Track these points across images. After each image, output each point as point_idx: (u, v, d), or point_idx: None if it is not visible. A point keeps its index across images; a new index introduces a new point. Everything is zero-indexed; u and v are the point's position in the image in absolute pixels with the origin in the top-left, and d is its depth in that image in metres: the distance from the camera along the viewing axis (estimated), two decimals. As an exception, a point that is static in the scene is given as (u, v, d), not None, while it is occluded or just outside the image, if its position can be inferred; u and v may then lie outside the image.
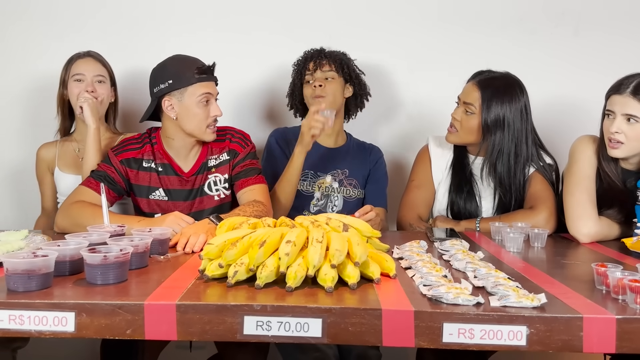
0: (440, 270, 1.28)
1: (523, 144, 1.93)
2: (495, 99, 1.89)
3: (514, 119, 1.90)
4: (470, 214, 2.00)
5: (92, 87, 2.04)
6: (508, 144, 1.91)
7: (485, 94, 1.89)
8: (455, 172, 2.04)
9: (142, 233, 1.45)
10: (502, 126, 1.89)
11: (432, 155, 2.09)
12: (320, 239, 1.23)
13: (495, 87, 1.90)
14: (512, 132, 1.90)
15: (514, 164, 1.94)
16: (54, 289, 1.15)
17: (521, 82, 1.95)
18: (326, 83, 2.10)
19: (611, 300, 1.13)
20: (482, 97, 1.89)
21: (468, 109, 1.93)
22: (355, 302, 1.09)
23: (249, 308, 1.05)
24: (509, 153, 1.92)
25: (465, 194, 2.00)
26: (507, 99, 1.89)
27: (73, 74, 2.06)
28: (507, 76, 1.95)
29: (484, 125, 1.90)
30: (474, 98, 1.91)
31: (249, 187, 1.92)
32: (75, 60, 2.08)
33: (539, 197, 1.92)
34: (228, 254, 1.21)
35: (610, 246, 1.68)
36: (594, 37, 2.44)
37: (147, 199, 1.90)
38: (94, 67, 2.08)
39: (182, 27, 2.47)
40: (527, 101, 1.93)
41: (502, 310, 1.05)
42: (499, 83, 1.91)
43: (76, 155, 2.15)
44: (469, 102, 1.91)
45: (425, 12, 2.47)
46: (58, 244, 1.30)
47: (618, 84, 1.72)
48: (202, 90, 1.81)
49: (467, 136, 1.95)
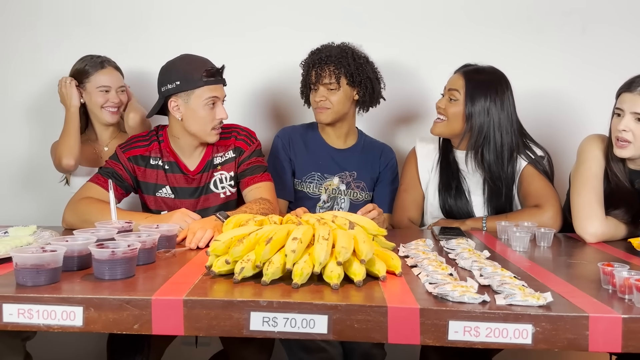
0: (446, 269, 1.29)
1: (508, 133, 1.94)
2: (479, 90, 1.92)
3: (497, 110, 1.92)
4: (462, 210, 2.00)
5: (117, 98, 2.13)
6: (492, 131, 1.93)
7: (469, 83, 1.93)
8: (442, 170, 2.05)
9: (149, 229, 1.46)
10: (486, 114, 1.92)
11: (418, 155, 2.11)
12: (326, 236, 1.23)
13: (480, 80, 1.94)
14: (496, 121, 1.92)
15: (501, 152, 1.94)
16: (62, 283, 1.16)
17: (505, 77, 1.98)
18: (329, 95, 2.06)
19: (617, 299, 1.13)
20: (466, 86, 1.93)
21: (452, 96, 1.95)
22: (361, 299, 1.09)
23: (255, 304, 1.06)
24: (495, 141, 1.93)
25: (454, 191, 2.01)
26: (490, 92, 1.92)
27: (99, 85, 2.11)
28: (492, 70, 1.99)
29: (467, 113, 1.92)
30: (459, 85, 1.94)
31: (255, 185, 1.92)
32: (98, 69, 2.12)
33: (542, 195, 1.91)
34: (235, 250, 1.21)
35: (617, 246, 1.68)
36: (602, 35, 2.43)
37: (154, 196, 1.92)
38: (117, 79, 2.16)
39: (190, 26, 2.48)
40: (510, 95, 1.96)
41: (507, 308, 1.05)
42: (483, 76, 1.96)
43: (94, 154, 2.19)
44: (454, 89, 1.95)
45: (432, 10, 2.47)
46: (66, 239, 1.32)
47: (629, 82, 1.72)
48: (209, 93, 1.82)
49: (452, 124, 1.96)
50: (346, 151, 2.19)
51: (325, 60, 2.06)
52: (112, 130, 2.21)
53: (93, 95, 2.12)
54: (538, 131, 2.40)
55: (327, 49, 2.10)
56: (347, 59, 2.07)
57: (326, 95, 2.06)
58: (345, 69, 2.05)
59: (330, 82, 2.05)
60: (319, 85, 2.07)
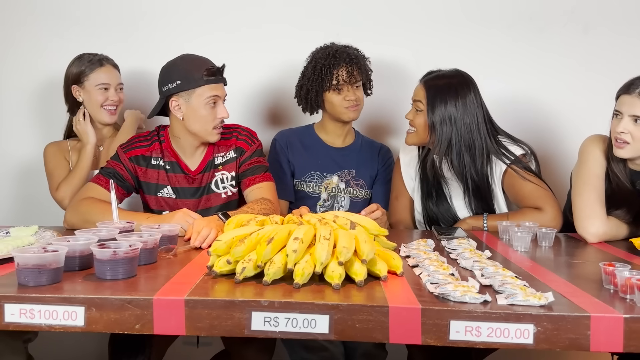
0: (447, 269, 1.29)
1: (477, 135, 1.91)
2: (439, 97, 1.90)
3: (460, 114, 1.89)
4: (446, 216, 2.01)
5: (116, 96, 2.13)
6: (457, 138, 1.90)
7: (429, 92, 1.92)
8: (423, 177, 2.06)
9: (151, 229, 1.46)
10: (448, 122, 1.89)
11: (401, 163, 2.12)
12: (327, 236, 1.23)
13: (439, 86, 1.92)
14: (460, 126, 1.90)
15: (473, 155, 1.91)
16: (64, 283, 1.16)
17: (469, 77, 1.95)
18: (357, 92, 2.10)
19: (619, 299, 1.13)
20: (427, 95, 1.92)
21: (417, 107, 1.95)
22: (362, 299, 1.10)
23: (257, 304, 1.06)
24: (462, 145, 1.90)
25: (435, 198, 2.02)
26: (451, 96, 1.90)
27: (98, 82, 2.11)
28: (453, 74, 1.95)
29: (430, 123, 1.91)
30: (421, 95, 1.94)
31: (257, 185, 1.92)
32: (96, 67, 2.12)
33: (538, 196, 1.88)
34: (236, 250, 1.21)
35: (618, 246, 1.68)
36: (603, 35, 2.42)
37: (155, 196, 1.92)
38: (116, 76, 2.15)
39: (190, 26, 2.48)
40: (474, 96, 1.92)
41: (509, 308, 1.05)
42: (442, 82, 1.93)
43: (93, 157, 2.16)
44: (417, 100, 1.95)
45: (433, 10, 2.47)
46: (68, 239, 1.32)
47: (628, 84, 1.72)
48: (210, 92, 1.82)
49: (421, 135, 1.96)
50: (344, 149, 2.20)
51: (355, 60, 2.08)
52: (107, 130, 2.20)
53: (92, 94, 2.11)
54: (539, 131, 2.41)
55: (344, 48, 2.11)
56: (363, 57, 2.14)
57: (356, 93, 2.09)
58: (366, 67, 2.13)
59: (360, 80, 2.09)
60: (351, 84, 2.07)
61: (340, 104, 2.09)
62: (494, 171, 1.95)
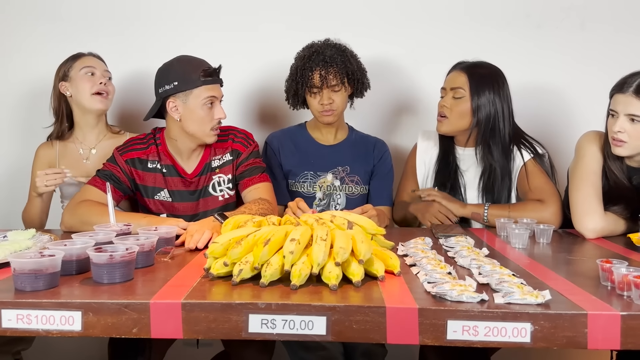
0: (444, 267, 1.29)
1: (508, 124, 1.97)
2: (484, 82, 1.95)
3: (500, 101, 1.95)
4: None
5: (104, 79, 2.07)
6: (498, 122, 1.96)
7: (472, 78, 1.95)
8: (439, 170, 2.07)
9: (148, 232, 1.46)
10: (492, 107, 1.94)
11: (418, 148, 2.14)
12: (324, 236, 1.23)
13: (482, 74, 1.97)
14: (499, 112, 1.95)
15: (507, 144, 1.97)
16: (61, 288, 1.16)
17: (501, 70, 2.01)
18: (334, 96, 2.04)
19: (616, 296, 1.13)
20: (469, 81, 1.94)
21: (456, 94, 1.96)
22: (359, 300, 1.09)
23: (254, 306, 1.06)
24: (501, 132, 1.96)
25: (449, 190, 2.03)
26: (493, 84, 1.95)
27: (83, 66, 2.06)
28: (488, 64, 2.01)
29: (475, 107, 1.94)
30: (462, 82, 1.95)
31: (254, 186, 1.92)
32: (80, 57, 2.09)
33: (545, 190, 1.92)
34: (233, 252, 1.21)
35: (616, 242, 1.68)
36: (601, 31, 2.42)
37: (153, 199, 1.92)
38: (100, 64, 2.11)
39: (186, 27, 2.47)
40: (508, 87, 1.99)
41: (506, 307, 1.05)
42: (483, 69, 1.98)
43: (79, 156, 2.13)
44: (457, 87, 1.96)
45: (431, 6, 2.46)
46: (65, 243, 1.31)
47: (621, 83, 1.72)
48: (207, 93, 1.82)
49: (458, 122, 1.97)
50: (337, 146, 2.17)
51: (329, 62, 2.01)
52: (99, 131, 2.13)
53: (79, 82, 2.04)
54: (536, 127, 2.40)
55: (322, 49, 2.04)
56: (346, 57, 2.06)
57: (332, 97, 2.04)
58: (347, 69, 2.04)
59: (336, 84, 2.02)
60: (325, 89, 2.03)
61: (316, 107, 2.06)
62: (515, 163, 1.99)
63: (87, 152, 2.13)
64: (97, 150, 2.13)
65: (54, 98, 2.12)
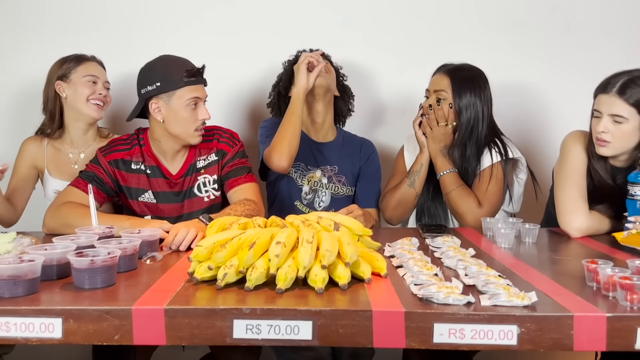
0: (431, 269, 1.28)
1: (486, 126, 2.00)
2: (465, 84, 1.98)
3: (481, 103, 1.98)
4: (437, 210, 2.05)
5: (104, 91, 2.06)
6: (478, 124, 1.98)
7: (455, 81, 1.98)
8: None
9: (130, 235, 1.44)
10: (472, 109, 1.97)
11: (405, 150, 2.16)
12: (310, 239, 1.22)
13: (464, 76, 2.00)
14: (480, 114, 1.98)
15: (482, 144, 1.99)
16: (41, 294, 1.14)
17: (483, 72, 2.03)
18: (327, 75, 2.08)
19: (602, 297, 1.13)
20: (452, 84, 1.97)
21: (440, 96, 1.99)
22: (345, 304, 1.09)
23: (238, 312, 1.04)
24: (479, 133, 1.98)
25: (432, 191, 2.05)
26: (475, 86, 1.99)
27: (86, 74, 2.02)
28: (470, 66, 2.04)
29: (457, 109, 1.97)
30: (445, 85, 1.98)
31: (239, 187, 1.90)
32: (84, 61, 2.05)
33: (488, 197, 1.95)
34: (217, 256, 1.20)
35: (601, 240, 1.68)
36: (585, 33, 2.44)
37: (137, 201, 1.89)
38: (103, 73, 2.10)
39: (172, 27, 2.46)
40: (489, 89, 2.02)
41: (492, 309, 1.05)
42: (465, 72, 2.01)
43: (68, 160, 2.09)
44: (440, 89, 1.99)
45: (416, 8, 2.46)
46: (45, 247, 1.29)
47: (605, 83, 1.72)
48: (190, 94, 1.79)
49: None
50: (326, 145, 2.17)
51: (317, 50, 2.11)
52: (90, 134, 2.10)
53: (79, 87, 2.01)
54: (519, 126, 2.43)
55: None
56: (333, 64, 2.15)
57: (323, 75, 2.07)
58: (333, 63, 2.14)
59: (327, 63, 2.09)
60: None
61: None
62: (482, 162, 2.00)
63: (76, 156, 2.09)
64: (85, 154, 2.08)
65: (47, 94, 2.06)
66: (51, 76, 2.05)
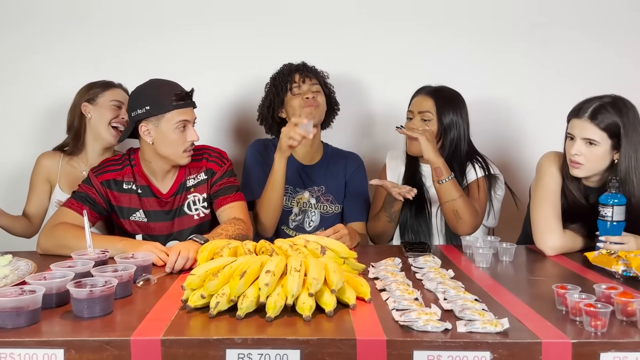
0: (412, 293, 1.36)
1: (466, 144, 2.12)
2: (448, 105, 2.08)
3: (462, 122, 2.10)
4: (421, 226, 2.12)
5: (127, 116, 2.12)
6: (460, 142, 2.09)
7: (438, 102, 2.07)
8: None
9: (125, 261, 1.49)
10: (455, 128, 2.08)
11: (387, 167, 2.24)
12: (298, 267, 1.29)
13: (446, 97, 2.10)
14: (461, 132, 2.09)
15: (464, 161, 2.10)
16: (42, 324, 1.19)
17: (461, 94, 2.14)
18: (316, 95, 2.13)
19: (569, 322, 1.22)
20: (436, 105, 2.07)
21: (424, 117, 2.08)
22: (331, 332, 1.16)
23: (231, 341, 1.11)
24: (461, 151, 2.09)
25: (415, 206, 2.12)
26: (456, 105, 2.10)
27: (112, 99, 2.16)
28: (448, 88, 2.15)
29: (442, 129, 2.08)
30: (429, 106, 2.08)
31: (228, 205, 1.96)
32: (112, 87, 2.18)
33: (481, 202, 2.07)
34: (210, 284, 1.26)
35: (574, 259, 1.77)
36: (563, 48, 2.54)
37: (128, 220, 1.94)
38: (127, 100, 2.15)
39: (161, 43, 2.52)
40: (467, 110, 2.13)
41: (467, 336, 1.13)
42: (447, 93, 2.12)
43: (81, 177, 2.15)
44: (425, 110, 2.08)
45: (398, 23, 2.54)
46: (44, 275, 1.34)
47: (577, 108, 1.82)
48: (179, 117, 1.84)
49: None
50: (313, 167, 2.22)
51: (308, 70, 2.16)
52: (105, 155, 2.17)
53: (104, 110, 2.13)
54: (497, 141, 2.52)
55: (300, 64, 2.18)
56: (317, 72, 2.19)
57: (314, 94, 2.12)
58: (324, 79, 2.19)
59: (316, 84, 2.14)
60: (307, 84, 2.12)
61: (299, 104, 2.11)
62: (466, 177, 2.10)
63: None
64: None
65: (74, 116, 2.19)
66: (78, 99, 2.18)
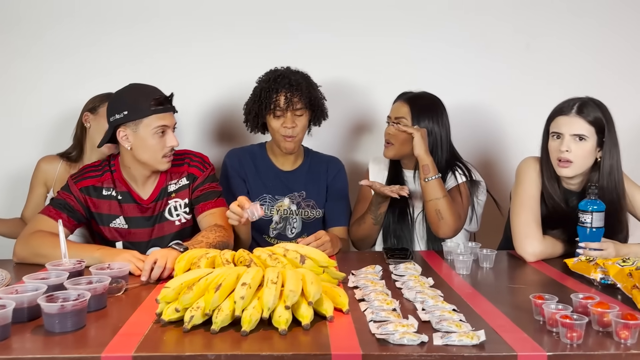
0: (390, 303, 1.35)
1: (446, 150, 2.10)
2: (423, 111, 2.06)
3: (439, 129, 2.07)
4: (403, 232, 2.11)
5: None
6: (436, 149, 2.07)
7: (414, 108, 2.06)
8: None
9: (100, 272, 1.47)
10: (431, 135, 2.06)
11: (370, 173, 2.23)
12: (275, 279, 1.28)
13: (422, 104, 2.08)
14: (438, 139, 2.07)
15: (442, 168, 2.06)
16: (12, 340, 1.17)
17: (440, 100, 2.12)
18: (297, 121, 2.05)
19: (546, 333, 1.21)
20: (411, 112, 2.05)
21: (400, 123, 2.06)
22: (307, 346, 1.15)
23: (204, 358, 1.09)
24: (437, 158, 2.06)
25: (398, 212, 2.11)
26: (432, 112, 2.08)
27: None
28: (428, 94, 2.13)
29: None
30: (405, 112, 2.06)
31: (209, 211, 1.94)
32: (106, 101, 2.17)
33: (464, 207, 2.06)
34: (184, 298, 1.24)
35: (554, 265, 1.77)
36: (544, 53, 2.54)
37: (108, 227, 1.92)
38: None
39: (145, 47, 2.50)
40: (446, 115, 2.11)
41: (443, 349, 1.12)
42: (423, 100, 2.10)
43: None
44: (400, 116, 2.06)
45: (384, 28, 2.54)
46: (16, 288, 1.32)
47: (560, 107, 1.82)
48: (157, 122, 1.81)
49: (402, 147, 2.07)
50: (294, 172, 2.19)
51: (295, 86, 2.03)
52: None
53: (103, 120, 2.08)
54: (480, 145, 2.52)
55: (287, 73, 2.06)
56: (310, 83, 2.10)
57: (295, 121, 2.04)
58: (311, 94, 2.07)
59: (301, 108, 2.04)
60: (289, 111, 2.03)
61: (278, 130, 2.06)
62: (447, 183, 2.08)
63: None
64: None
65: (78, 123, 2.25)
66: (84, 108, 2.24)
